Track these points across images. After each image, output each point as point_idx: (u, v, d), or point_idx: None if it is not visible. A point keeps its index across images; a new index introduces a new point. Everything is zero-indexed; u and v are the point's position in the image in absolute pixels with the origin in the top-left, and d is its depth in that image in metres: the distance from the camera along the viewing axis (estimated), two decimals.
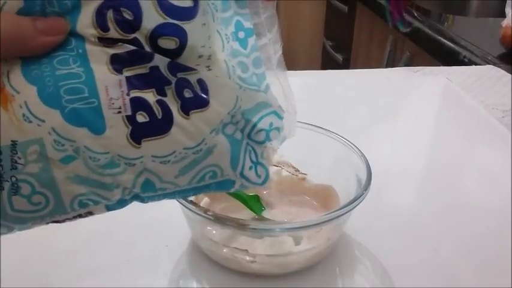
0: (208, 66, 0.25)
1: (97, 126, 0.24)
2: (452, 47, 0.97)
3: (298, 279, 0.37)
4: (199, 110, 0.25)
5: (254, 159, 0.29)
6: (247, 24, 0.27)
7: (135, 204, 0.27)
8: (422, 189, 0.51)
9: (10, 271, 0.36)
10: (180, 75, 0.24)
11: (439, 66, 0.84)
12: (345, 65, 1.67)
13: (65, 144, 0.24)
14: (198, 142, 0.26)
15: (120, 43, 0.23)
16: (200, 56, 0.24)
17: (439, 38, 1.02)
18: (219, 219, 0.34)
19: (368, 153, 0.40)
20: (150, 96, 0.24)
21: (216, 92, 0.25)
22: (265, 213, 0.41)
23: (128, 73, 0.24)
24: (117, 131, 0.24)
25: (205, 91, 0.25)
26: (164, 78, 0.24)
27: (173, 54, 0.24)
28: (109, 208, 0.27)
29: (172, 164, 0.26)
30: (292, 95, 0.30)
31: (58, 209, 0.25)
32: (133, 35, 0.23)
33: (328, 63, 1.88)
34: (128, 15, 0.23)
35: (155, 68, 0.24)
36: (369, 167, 0.39)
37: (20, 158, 0.23)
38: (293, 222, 0.38)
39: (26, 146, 0.23)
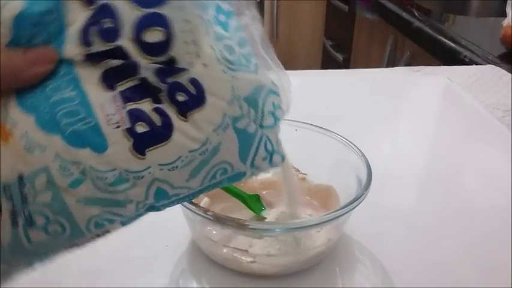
0: (197, 53, 0.24)
1: (99, 144, 0.24)
2: (453, 47, 0.97)
3: (299, 280, 0.37)
4: (197, 109, 0.25)
5: (270, 148, 0.28)
6: (226, 7, 0.27)
7: None
8: (422, 189, 0.51)
9: None
10: (170, 79, 0.24)
11: (440, 65, 0.83)
12: (345, 64, 1.67)
13: (71, 168, 0.24)
14: (202, 143, 0.25)
15: (107, 60, 0.23)
16: (186, 43, 0.24)
17: (440, 37, 1.02)
18: (219, 220, 0.34)
19: (368, 153, 0.40)
20: (146, 106, 0.24)
21: (210, 87, 0.25)
22: (265, 213, 0.41)
23: (120, 88, 0.24)
24: (119, 146, 0.24)
25: (200, 89, 0.25)
26: (155, 87, 0.24)
27: (164, 48, 0.24)
28: (124, 224, 0.27)
29: (181, 169, 0.26)
30: (281, 68, 0.29)
31: (75, 234, 0.25)
32: (116, 43, 0.23)
33: (328, 62, 1.88)
34: (107, 23, 0.23)
35: (145, 79, 0.24)
36: (369, 167, 0.39)
37: (29, 190, 0.24)
38: (293, 222, 0.38)
39: (33, 177, 0.24)
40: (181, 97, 0.24)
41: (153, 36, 0.23)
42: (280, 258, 0.37)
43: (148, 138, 0.24)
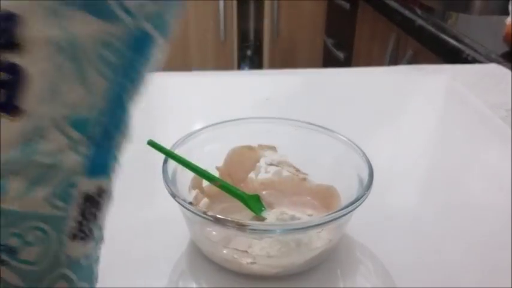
0: None
1: None
2: (455, 45, 0.97)
3: (299, 281, 0.37)
4: (18, 29, 0.21)
5: None
6: None
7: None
8: (424, 189, 0.51)
9: None
10: None
11: (443, 64, 0.83)
12: (347, 63, 1.66)
13: None
14: (54, 44, 0.22)
15: None
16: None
17: (443, 36, 1.02)
18: (219, 220, 0.34)
19: (370, 153, 0.40)
20: None
21: None
22: (265, 214, 0.41)
23: None
24: None
25: (7, 14, 0.21)
26: None
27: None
28: (92, 170, 0.23)
29: (64, 82, 0.22)
30: None
31: (57, 223, 0.23)
32: None
33: (329, 61, 1.88)
34: None
35: None
36: (371, 166, 0.38)
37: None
38: (294, 223, 0.38)
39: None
40: None
41: None
42: (280, 259, 0.36)
43: (8, 96, 0.21)
